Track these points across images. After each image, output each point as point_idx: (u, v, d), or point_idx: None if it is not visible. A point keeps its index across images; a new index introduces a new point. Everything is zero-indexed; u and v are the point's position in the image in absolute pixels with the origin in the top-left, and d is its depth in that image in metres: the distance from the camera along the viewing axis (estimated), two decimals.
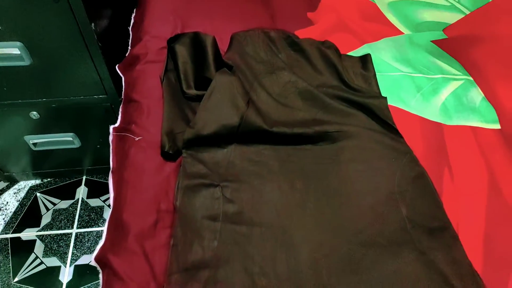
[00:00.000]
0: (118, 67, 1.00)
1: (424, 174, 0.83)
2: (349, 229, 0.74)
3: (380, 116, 0.91)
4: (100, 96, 1.07)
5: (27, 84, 1.01)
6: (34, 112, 1.12)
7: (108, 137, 0.84)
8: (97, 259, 0.69)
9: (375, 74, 1.04)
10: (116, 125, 0.87)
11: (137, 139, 0.80)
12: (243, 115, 0.86)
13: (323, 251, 0.71)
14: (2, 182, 1.39)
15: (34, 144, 1.22)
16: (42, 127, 1.17)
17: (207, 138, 0.82)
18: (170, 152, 0.79)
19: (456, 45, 1.12)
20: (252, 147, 0.84)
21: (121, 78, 0.99)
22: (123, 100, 0.95)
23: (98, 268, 0.70)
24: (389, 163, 0.85)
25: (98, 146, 1.27)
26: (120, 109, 0.93)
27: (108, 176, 0.78)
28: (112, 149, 0.83)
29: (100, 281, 0.68)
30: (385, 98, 0.95)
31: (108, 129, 0.85)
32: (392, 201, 0.79)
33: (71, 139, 1.22)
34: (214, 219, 0.72)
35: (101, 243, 0.70)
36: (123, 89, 0.97)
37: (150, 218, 0.70)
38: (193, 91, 0.91)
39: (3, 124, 1.15)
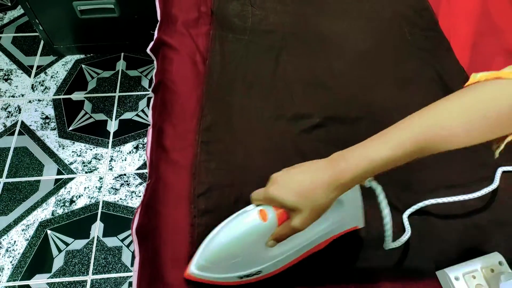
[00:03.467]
0: None
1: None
2: (363, 33, 0.90)
3: None
4: None
5: None
6: None
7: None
8: (152, 49, 0.87)
9: None
10: None
11: None
12: None
13: (346, 38, 0.88)
14: (51, 56, 1.58)
15: (81, 12, 1.38)
16: None
17: None
18: None
19: None
20: None
21: None
22: None
23: (151, 55, 0.87)
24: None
25: (136, 16, 1.43)
26: None
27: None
28: None
29: (155, 63, 0.86)
30: None
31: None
32: (397, 24, 0.93)
33: (112, 6, 1.37)
34: (244, 21, 0.88)
35: (154, 38, 0.87)
36: None
37: (193, 14, 0.87)
38: None
39: None
